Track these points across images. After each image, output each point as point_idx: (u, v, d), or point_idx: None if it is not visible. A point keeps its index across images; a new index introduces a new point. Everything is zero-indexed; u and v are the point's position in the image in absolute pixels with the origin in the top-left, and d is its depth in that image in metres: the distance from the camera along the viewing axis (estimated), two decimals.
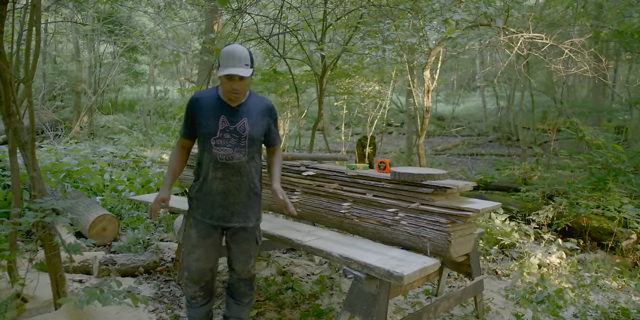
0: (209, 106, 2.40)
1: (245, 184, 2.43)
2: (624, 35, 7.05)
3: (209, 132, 2.36)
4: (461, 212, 2.50)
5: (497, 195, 6.77)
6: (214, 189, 2.40)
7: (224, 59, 2.26)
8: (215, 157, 2.36)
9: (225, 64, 2.26)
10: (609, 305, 3.60)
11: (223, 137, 2.36)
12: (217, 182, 2.39)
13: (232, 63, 2.26)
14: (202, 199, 2.44)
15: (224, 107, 2.40)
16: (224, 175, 2.38)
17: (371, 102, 10.26)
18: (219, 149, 2.35)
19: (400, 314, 3.25)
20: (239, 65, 2.26)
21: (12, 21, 2.64)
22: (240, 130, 2.38)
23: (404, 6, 5.23)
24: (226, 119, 2.38)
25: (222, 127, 2.37)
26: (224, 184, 2.39)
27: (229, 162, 2.36)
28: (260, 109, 2.46)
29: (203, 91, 2.46)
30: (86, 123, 12.95)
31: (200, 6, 5.99)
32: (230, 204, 2.42)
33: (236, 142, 2.37)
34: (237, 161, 2.38)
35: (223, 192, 2.40)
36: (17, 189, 2.75)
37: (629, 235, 4.63)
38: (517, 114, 10.09)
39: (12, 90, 2.38)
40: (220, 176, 2.38)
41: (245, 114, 2.40)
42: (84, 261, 3.60)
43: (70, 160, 5.96)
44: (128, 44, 12.34)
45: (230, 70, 2.24)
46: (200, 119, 2.39)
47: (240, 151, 2.38)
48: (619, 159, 5.32)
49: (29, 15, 2.33)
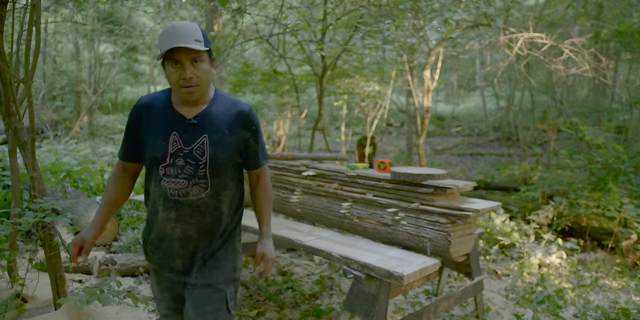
0: (158, 117, 1.66)
1: (209, 225, 1.72)
2: (624, 35, 7.05)
3: (155, 157, 1.64)
4: (461, 212, 2.50)
5: (497, 195, 6.78)
6: (168, 233, 1.71)
7: (163, 39, 1.56)
8: (164, 192, 1.65)
9: (165, 44, 1.54)
10: (609, 305, 3.60)
11: (175, 165, 1.62)
12: (172, 224, 1.69)
13: (176, 38, 1.53)
14: (157, 244, 1.76)
15: (176, 119, 1.65)
16: (178, 216, 1.67)
17: (371, 102, 10.26)
18: (168, 182, 1.63)
19: (400, 314, 3.25)
20: (187, 40, 1.53)
21: (12, 21, 2.64)
22: (197, 153, 1.63)
23: (404, 6, 5.23)
24: (178, 138, 1.63)
25: (173, 150, 1.62)
26: (179, 227, 1.69)
27: (183, 200, 1.64)
28: (229, 119, 1.67)
29: (155, 95, 1.74)
30: (86, 123, 12.95)
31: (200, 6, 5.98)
32: (190, 252, 1.73)
33: (192, 171, 1.63)
34: (195, 198, 1.65)
35: (180, 238, 1.71)
36: (17, 189, 2.75)
37: (629, 235, 4.63)
38: (517, 114, 10.09)
39: (12, 90, 2.38)
40: (173, 217, 1.67)
41: (206, 128, 1.64)
42: (84, 261, 3.60)
43: (70, 160, 5.96)
44: (128, 44, 12.34)
45: (172, 44, 1.51)
46: (145, 136, 1.67)
47: (199, 184, 1.64)
48: (619, 159, 5.32)
49: (29, 15, 2.33)
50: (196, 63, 1.56)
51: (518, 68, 8.26)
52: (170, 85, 1.61)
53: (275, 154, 3.72)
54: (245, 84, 8.66)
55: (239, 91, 8.94)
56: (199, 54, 1.56)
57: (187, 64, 1.54)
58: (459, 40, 6.00)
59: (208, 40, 1.62)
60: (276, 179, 3.65)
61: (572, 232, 5.12)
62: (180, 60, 1.54)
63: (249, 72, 8.39)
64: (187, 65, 1.54)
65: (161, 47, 1.56)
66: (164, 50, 1.52)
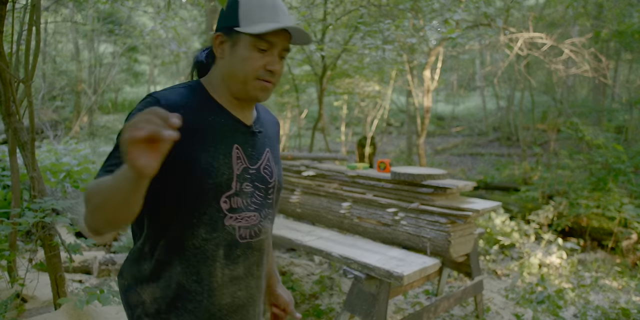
0: (205, 123, 1.09)
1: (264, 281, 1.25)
2: (624, 35, 7.05)
3: (215, 184, 1.07)
4: (461, 212, 2.50)
5: (497, 195, 6.78)
6: (227, 304, 1.13)
7: (257, 8, 1.08)
8: (230, 236, 1.11)
9: (257, 15, 1.07)
10: (609, 305, 3.59)
11: (242, 192, 1.12)
12: (234, 287, 1.14)
13: (278, 15, 1.09)
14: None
15: (234, 125, 1.13)
16: (247, 269, 1.16)
17: (371, 102, 10.26)
18: (237, 219, 1.11)
19: (400, 314, 3.25)
20: (291, 21, 1.11)
21: (12, 21, 2.64)
22: (266, 173, 1.19)
23: (404, 6, 5.23)
24: (242, 153, 1.13)
25: (239, 170, 1.12)
26: (244, 288, 1.16)
27: (255, 242, 1.15)
28: (273, 129, 1.30)
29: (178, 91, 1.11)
30: (86, 123, 12.96)
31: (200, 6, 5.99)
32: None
33: (262, 198, 1.17)
34: (265, 237, 1.19)
35: (242, 306, 1.17)
36: (17, 189, 2.75)
37: (629, 235, 4.63)
38: (517, 114, 10.10)
39: (12, 90, 2.38)
40: (240, 273, 1.14)
41: (266, 139, 1.22)
42: (84, 261, 3.60)
43: (70, 160, 5.96)
44: (128, 44, 12.34)
45: (275, 24, 1.06)
46: (188, 153, 1.04)
47: (269, 217, 1.20)
48: (619, 159, 5.32)
49: (29, 15, 2.33)
50: (282, 58, 1.12)
51: (518, 68, 8.26)
52: (233, 72, 1.09)
53: None
54: None
55: None
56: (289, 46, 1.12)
57: (276, 52, 1.10)
58: (459, 40, 6.00)
59: None
60: None
61: (572, 232, 5.12)
62: (276, 45, 1.09)
63: None
64: (276, 53, 1.10)
65: (245, 16, 1.07)
66: (263, 28, 1.04)
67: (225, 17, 1.11)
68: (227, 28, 1.09)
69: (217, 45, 1.11)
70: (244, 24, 1.07)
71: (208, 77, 1.16)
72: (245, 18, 1.07)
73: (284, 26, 1.05)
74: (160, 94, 1.07)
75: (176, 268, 1.09)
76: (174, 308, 1.09)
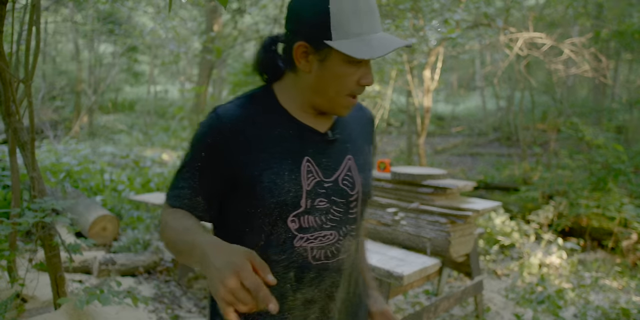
0: (270, 138, 1.01)
1: (353, 297, 1.15)
2: (624, 35, 7.06)
3: (281, 203, 0.99)
4: (461, 212, 2.50)
5: (497, 195, 6.78)
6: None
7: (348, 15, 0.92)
8: (301, 258, 1.02)
9: (353, 26, 0.93)
10: (609, 305, 3.59)
11: (315, 208, 1.02)
12: (307, 311, 1.06)
13: (372, 22, 0.95)
14: None
15: (304, 135, 1.03)
16: (322, 292, 1.06)
17: (371, 102, 10.26)
18: (310, 240, 1.02)
19: (400, 314, 3.25)
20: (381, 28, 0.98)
21: (12, 21, 2.64)
22: (345, 185, 1.06)
23: (404, 6, 5.23)
24: (313, 165, 1.02)
25: (310, 186, 1.01)
26: (319, 311, 1.07)
27: (332, 264, 1.05)
28: (362, 130, 1.17)
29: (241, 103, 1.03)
30: (86, 123, 12.96)
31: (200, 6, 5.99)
32: None
33: (342, 214, 1.05)
34: (346, 255, 1.08)
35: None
36: (17, 189, 2.75)
37: (629, 235, 4.63)
38: (517, 114, 10.09)
39: (12, 90, 2.38)
40: (313, 298, 1.05)
41: (348, 145, 1.09)
42: (84, 261, 3.60)
43: (70, 160, 5.96)
44: (128, 44, 12.34)
45: (374, 36, 0.94)
46: (249, 172, 0.99)
47: (350, 233, 1.08)
48: (619, 159, 5.32)
49: (29, 15, 2.33)
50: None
51: (518, 68, 8.26)
52: (322, 89, 0.99)
53: None
54: (245, 84, 8.67)
55: (238, 91, 8.95)
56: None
57: (368, 63, 0.98)
58: (459, 40, 6.00)
59: None
60: None
61: (572, 232, 5.12)
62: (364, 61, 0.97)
63: (249, 72, 8.39)
64: (369, 65, 0.98)
65: (345, 30, 0.92)
66: (358, 46, 0.91)
67: (311, 24, 0.93)
68: (315, 39, 0.94)
69: (299, 56, 0.97)
70: (338, 37, 0.92)
71: (281, 84, 1.05)
72: (339, 30, 0.92)
73: (405, 45, 0.92)
74: (223, 109, 1.00)
75: None
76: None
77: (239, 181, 0.99)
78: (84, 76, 13.81)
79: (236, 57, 11.11)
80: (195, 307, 3.17)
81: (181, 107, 10.18)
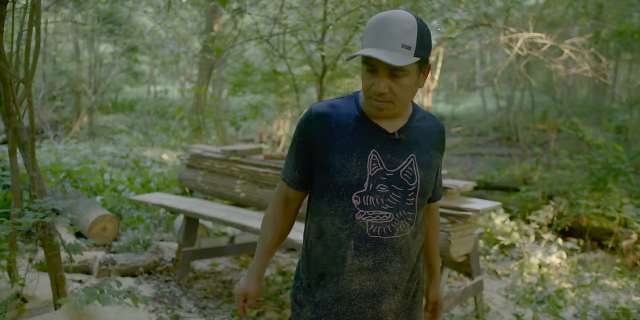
0: (346, 131, 1.29)
1: (406, 276, 1.34)
2: (624, 35, 7.06)
3: (346, 182, 1.26)
4: (461, 212, 2.50)
5: (497, 195, 6.79)
6: (354, 288, 1.29)
7: (368, 33, 1.22)
8: (360, 230, 1.26)
9: (366, 40, 1.22)
10: (609, 305, 3.60)
11: (376, 191, 1.26)
12: (364, 276, 1.28)
13: (378, 40, 1.18)
14: (329, 307, 1.30)
15: (374, 132, 1.29)
16: (377, 263, 1.27)
17: None
18: (368, 216, 1.25)
19: None
20: (391, 45, 1.16)
21: (12, 21, 2.64)
22: (406, 177, 1.28)
23: (404, 6, 5.24)
24: (379, 157, 1.26)
25: (374, 173, 1.26)
26: (374, 278, 1.28)
27: (387, 239, 1.27)
28: (432, 137, 1.37)
29: (333, 102, 1.35)
30: (86, 123, 12.96)
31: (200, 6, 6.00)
32: (382, 315, 1.31)
33: (399, 200, 1.27)
34: (400, 236, 1.28)
35: (372, 295, 1.29)
36: (17, 189, 2.75)
37: (629, 235, 4.63)
38: (517, 114, 10.10)
39: (12, 90, 2.38)
40: (370, 265, 1.27)
41: (413, 146, 1.31)
42: (84, 261, 3.60)
43: (70, 160, 5.96)
44: (128, 44, 12.34)
45: (370, 50, 1.17)
46: (327, 155, 1.28)
47: (406, 218, 1.29)
48: (619, 159, 5.32)
49: (29, 15, 2.33)
50: (396, 77, 1.19)
51: (518, 68, 8.27)
52: (363, 90, 1.27)
53: (275, 154, 3.72)
54: (245, 84, 8.67)
55: (238, 91, 8.95)
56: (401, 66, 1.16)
57: (383, 74, 1.19)
58: (459, 40, 6.01)
59: (426, 43, 1.21)
60: (277, 179, 3.64)
61: (572, 232, 5.12)
62: (376, 68, 1.20)
63: (249, 72, 8.40)
64: (384, 75, 1.19)
65: (364, 41, 1.22)
66: (360, 52, 1.18)
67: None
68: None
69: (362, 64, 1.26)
70: (362, 46, 1.23)
71: None
72: (364, 41, 1.23)
73: (369, 55, 1.15)
74: (317, 105, 1.34)
75: (319, 249, 1.32)
76: (318, 286, 1.33)
77: (320, 161, 1.30)
78: (84, 76, 13.81)
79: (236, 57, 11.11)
80: (195, 307, 3.17)
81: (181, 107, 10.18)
